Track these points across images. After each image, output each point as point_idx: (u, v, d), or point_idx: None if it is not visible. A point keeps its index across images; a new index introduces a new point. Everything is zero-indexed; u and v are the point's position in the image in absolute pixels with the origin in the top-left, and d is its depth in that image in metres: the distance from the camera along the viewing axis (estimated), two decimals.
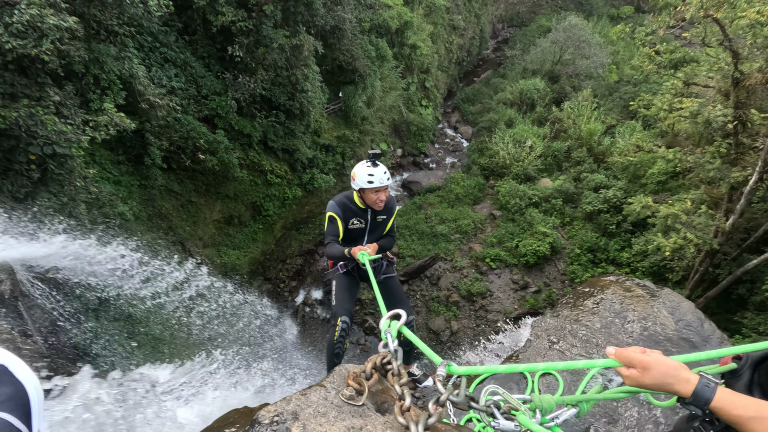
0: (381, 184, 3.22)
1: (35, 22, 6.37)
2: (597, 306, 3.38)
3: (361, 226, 3.50)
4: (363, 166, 3.28)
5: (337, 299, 3.53)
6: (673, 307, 3.28)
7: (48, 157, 7.13)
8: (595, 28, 30.02)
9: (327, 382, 1.42)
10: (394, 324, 1.56)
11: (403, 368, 4.29)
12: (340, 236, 3.46)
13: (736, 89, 9.90)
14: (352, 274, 3.63)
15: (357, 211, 3.46)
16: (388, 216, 3.56)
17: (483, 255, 15.66)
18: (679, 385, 1.10)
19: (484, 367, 1.33)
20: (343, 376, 1.46)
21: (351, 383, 1.34)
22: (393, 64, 20.92)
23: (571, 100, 22.95)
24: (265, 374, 9.12)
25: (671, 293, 3.43)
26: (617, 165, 17.03)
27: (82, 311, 6.80)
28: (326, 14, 14.46)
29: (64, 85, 7.79)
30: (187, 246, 12.48)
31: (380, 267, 3.65)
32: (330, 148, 17.40)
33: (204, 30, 12.64)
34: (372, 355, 1.45)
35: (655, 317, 3.18)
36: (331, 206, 3.51)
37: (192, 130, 11.76)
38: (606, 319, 3.25)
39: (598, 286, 3.61)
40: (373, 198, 3.31)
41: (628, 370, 1.16)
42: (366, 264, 3.03)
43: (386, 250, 3.65)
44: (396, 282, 3.80)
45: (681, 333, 3.07)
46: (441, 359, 1.34)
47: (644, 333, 3.09)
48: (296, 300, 15.63)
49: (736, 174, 10.39)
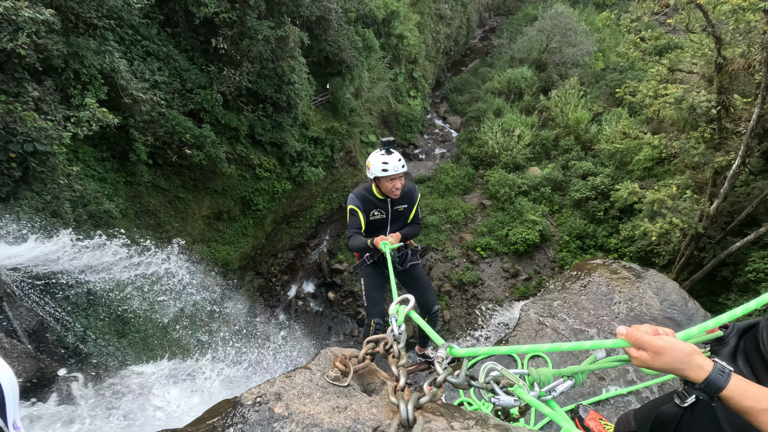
0: (396, 171, 3.21)
1: (9, 15, 6.18)
2: (584, 288, 3.44)
3: (383, 217, 3.49)
4: (377, 154, 3.25)
5: (369, 299, 3.58)
6: (657, 287, 3.36)
7: (29, 154, 6.96)
8: (581, 16, 30.08)
9: (312, 364, 1.43)
10: (402, 309, 1.57)
11: (418, 350, 4.32)
12: (363, 228, 3.42)
13: (719, 75, 10.02)
14: (379, 265, 3.63)
15: (377, 202, 3.44)
16: (409, 204, 3.54)
17: (474, 244, 15.77)
18: (691, 371, 1.07)
19: (485, 349, 1.35)
20: (330, 358, 1.46)
21: (337, 365, 1.35)
22: (380, 55, 20.76)
23: (558, 89, 23.05)
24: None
25: (656, 274, 3.51)
26: (604, 152, 17.20)
27: (71, 310, 6.71)
28: (311, 4, 14.26)
29: (43, 81, 7.60)
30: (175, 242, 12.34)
31: (405, 256, 3.65)
32: (319, 141, 17.28)
33: (186, 22, 12.39)
34: (370, 337, 1.47)
35: (640, 298, 3.25)
36: (351, 199, 3.46)
37: (177, 124, 11.57)
38: (593, 301, 3.31)
39: (586, 270, 3.68)
40: (389, 186, 3.29)
41: (638, 352, 1.13)
42: (386, 253, 3.03)
43: (410, 237, 3.64)
44: (420, 270, 3.82)
45: (666, 312, 3.15)
46: (443, 341, 1.36)
47: (630, 313, 3.16)
48: (288, 294, 15.62)
49: (720, 159, 10.57)
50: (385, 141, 3.24)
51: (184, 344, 9.79)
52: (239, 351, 10.23)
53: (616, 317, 3.16)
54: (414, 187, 3.58)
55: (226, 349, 10.00)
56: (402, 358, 1.36)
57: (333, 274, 15.83)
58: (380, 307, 3.53)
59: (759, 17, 8.57)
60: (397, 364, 1.33)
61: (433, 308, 3.72)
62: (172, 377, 5.24)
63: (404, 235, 3.50)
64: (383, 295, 3.64)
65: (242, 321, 13.01)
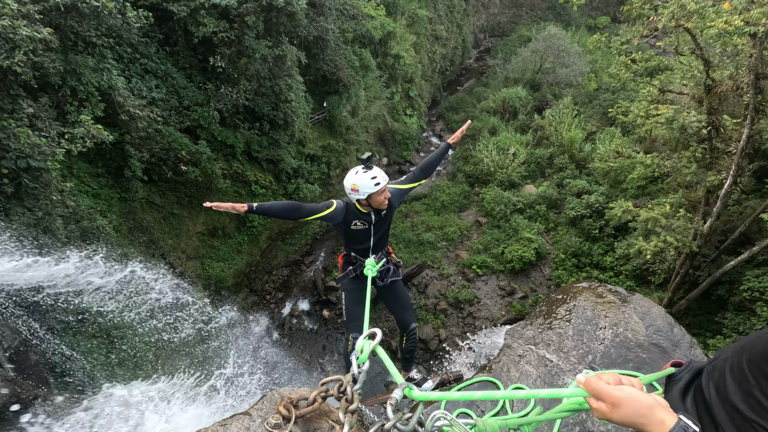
0: (385, 181, 3.27)
1: (7, 34, 6.24)
2: (569, 314, 3.39)
3: (365, 227, 3.49)
4: (361, 174, 3.23)
5: (348, 314, 3.60)
6: (643, 312, 3.31)
7: (22, 170, 6.94)
8: (573, 38, 30.79)
9: (254, 409, 1.36)
10: (368, 344, 1.51)
11: (403, 375, 4.20)
12: (316, 216, 3.31)
13: (708, 96, 10.20)
14: (361, 280, 3.63)
15: (359, 214, 3.44)
16: (390, 209, 3.56)
17: (470, 262, 15.72)
18: (652, 426, 1.00)
19: (439, 394, 1.29)
20: (275, 401, 1.39)
21: (280, 409, 1.28)
22: (377, 74, 21.08)
23: (552, 108, 23.39)
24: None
25: (642, 299, 3.47)
26: (598, 171, 17.35)
27: (56, 329, 6.57)
28: (309, 25, 14.52)
29: (39, 97, 7.63)
30: (169, 259, 12.24)
31: (386, 271, 3.68)
32: (315, 158, 17.36)
33: (185, 41, 12.57)
34: (325, 378, 1.40)
35: (626, 323, 3.20)
36: (336, 200, 3.43)
37: (173, 141, 11.62)
38: (578, 326, 3.26)
39: (571, 293, 3.64)
40: (381, 199, 3.31)
41: (597, 403, 1.07)
42: (368, 278, 3.10)
43: None
44: (400, 286, 3.83)
45: (651, 338, 3.10)
46: (402, 380, 1.31)
47: (616, 339, 3.11)
48: (283, 311, 15.42)
49: (712, 178, 10.66)
50: (365, 158, 3.24)
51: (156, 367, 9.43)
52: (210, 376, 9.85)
53: (601, 343, 3.12)
54: (390, 190, 3.48)
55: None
56: (354, 402, 1.30)
57: (328, 292, 15.68)
58: (360, 322, 3.51)
59: (745, 41, 8.78)
60: (346, 409, 1.27)
61: (410, 326, 3.71)
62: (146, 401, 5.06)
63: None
64: (363, 310, 3.62)
65: (230, 340, 12.76)
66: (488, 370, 3.28)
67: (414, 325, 3.72)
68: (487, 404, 2.95)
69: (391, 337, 13.78)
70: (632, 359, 3.03)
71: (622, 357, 3.07)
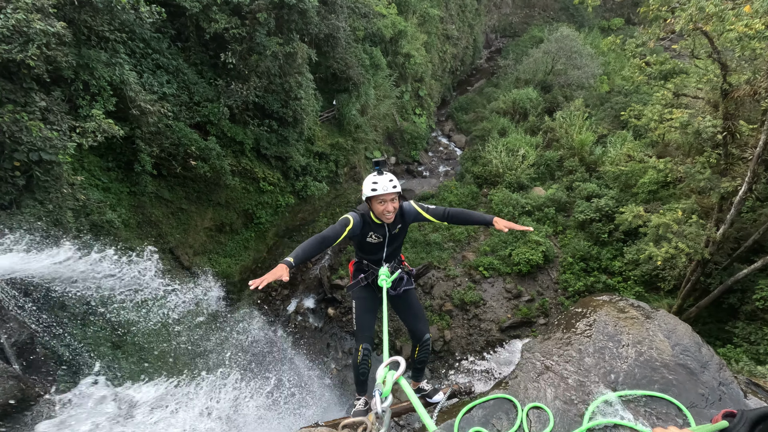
0: (385, 191, 3.06)
1: (21, 27, 6.28)
2: (590, 328, 3.24)
3: (380, 240, 3.38)
4: (369, 175, 3.17)
5: (358, 324, 3.47)
6: (669, 330, 3.14)
7: (34, 163, 6.99)
8: (586, 40, 30.43)
9: None
10: (391, 375, 1.41)
11: (413, 385, 4.07)
12: (341, 238, 3.18)
13: (724, 101, 10.00)
14: (372, 288, 3.51)
15: (374, 226, 3.31)
16: (403, 225, 3.41)
17: (476, 263, 15.62)
18: None
19: None
20: None
21: None
22: (387, 73, 21.01)
23: (563, 110, 23.16)
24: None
25: (666, 315, 3.31)
26: (609, 174, 17.14)
27: (64, 323, 6.61)
28: (320, 22, 14.49)
29: (52, 91, 7.68)
30: (176, 254, 12.31)
31: (399, 280, 3.53)
32: (323, 156, 17.35)
33: (197, 37, 12.61)
34: (350, 417, 1.34)
35: (650, 341, 3.04)
36: (351, 213, 3.28)
37: (183, 136, 11.66)
38: (599, 342, 3.11)
39: (591, 306, 3.49)
40: (380, 209, 3.14)
41: None
42: (384, 288, 3.04)
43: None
44: (413, 295, 3.69)
45: (678, 359, 2.93)
46: (435, 427, 1.24)
47: (640, 358, 2.94)
48: (288, 309, 15.44)
49: (726, 184, 10.47)
50: (376, 161, 3.14)
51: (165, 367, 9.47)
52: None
53: (624, 362, 2.97)
54: (408, 207, 3.40)
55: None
56: None
57: (333, 290, 15.68)
58: (370, 332, 3.43)
59: (765, 45, 8.59)
60: None
61: (423, 337, 3.58)
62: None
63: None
64: (374, 319, 3.54)
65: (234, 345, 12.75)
66: (504, 387, 3.18)
67: (428, 336, 3.60)
68: (503, 423, 2.87)
69: (396, 337, 13.74)
70: (658, 380, 2.88)
71: (646, 378, 2.91)
